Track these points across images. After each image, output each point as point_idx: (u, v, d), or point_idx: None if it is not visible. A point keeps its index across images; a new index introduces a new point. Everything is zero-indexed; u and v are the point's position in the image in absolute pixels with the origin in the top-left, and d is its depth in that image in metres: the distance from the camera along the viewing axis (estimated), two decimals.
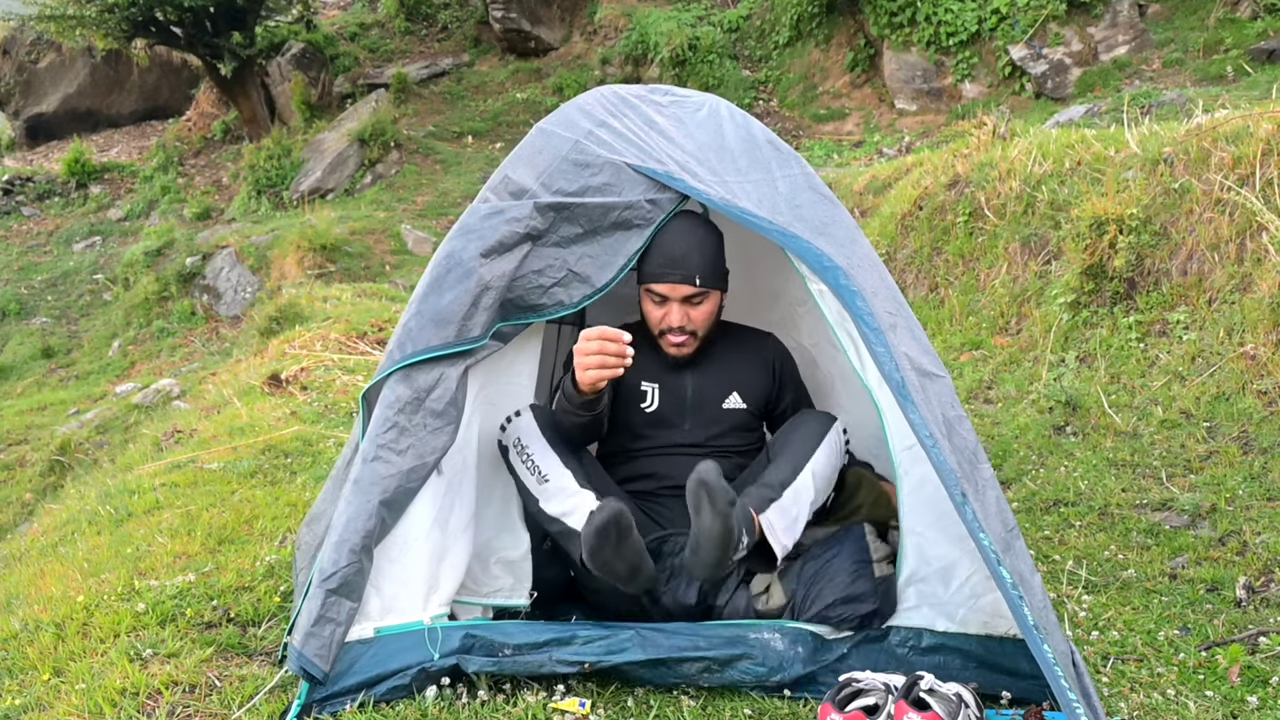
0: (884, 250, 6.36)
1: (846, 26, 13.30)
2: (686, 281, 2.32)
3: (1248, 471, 3.32)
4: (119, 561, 2.91)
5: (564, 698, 1.96)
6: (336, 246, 11.69)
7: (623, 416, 2.47)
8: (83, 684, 1.99)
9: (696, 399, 2.47)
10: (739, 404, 2.50)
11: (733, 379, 2.51)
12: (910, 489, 2.16)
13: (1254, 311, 3.84)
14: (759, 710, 2.01)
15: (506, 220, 2.17)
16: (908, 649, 2.13)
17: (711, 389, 2.49)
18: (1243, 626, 2.40)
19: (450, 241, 2.20)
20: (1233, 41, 9.99)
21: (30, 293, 13.81)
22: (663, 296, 2.36)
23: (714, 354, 2.51)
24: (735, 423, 2.51)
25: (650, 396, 2.47)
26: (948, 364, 5.00)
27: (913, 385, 1.98)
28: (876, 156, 10.46)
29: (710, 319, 2.42)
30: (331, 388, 5.44)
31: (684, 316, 2.36)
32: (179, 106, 18.81)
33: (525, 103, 15.59)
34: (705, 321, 2.40)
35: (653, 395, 2.47)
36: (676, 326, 2.37)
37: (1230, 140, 4.35)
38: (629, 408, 2.47)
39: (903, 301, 2.27)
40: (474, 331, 2.09)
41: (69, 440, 7.86)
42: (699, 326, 2.40)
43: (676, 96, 2.52)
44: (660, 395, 2.47)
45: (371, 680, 1.92)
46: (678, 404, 2.47)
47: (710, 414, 2.48)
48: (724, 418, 2.49)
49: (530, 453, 2.22)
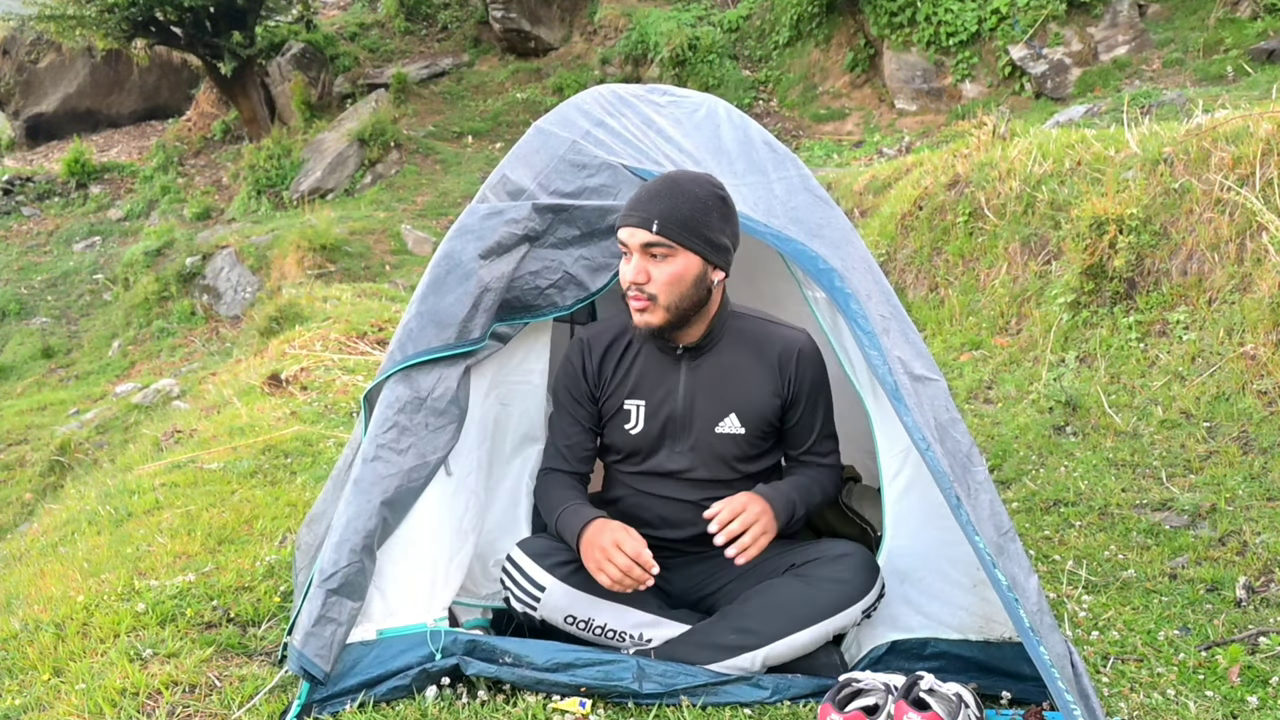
0: (884, 250, 6.36)
1: (846, 26, 13.30)
2: (643, 226, 2.02)
3: (1248, 471, 3.32)
4: (119, 561, 2.91)
5: (564, 698, 1.96)
6: (336, 246, 11.70)
7: (609, 435, 2.31)
8: (83, 684, 1.99)
9: (685, 419, 2.22)
10: (735, 428, 2.22)
11: (733, 396, 2.22)
12: (898, 494, 2.17)
13: (1254, 311, 3.84)
14: (759, 710, 2.00)
15: (505, 221, 2.17)
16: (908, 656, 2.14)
17: (705, 407, 2.22)
18: (1243, 626, 2.40)
19: (450, 242, 2.20)
20: (1233, 41, 9.99)
21: (30, 293, 13.81)
22: (625, 246, 2.09)
23: (718, 355, 2.23)
24: (727, 451, 2.23)
25: (634, 417, 2.25)
26: (948, 364, 5.01)
27: (905, 389, 1.98)
28: (876, 156, 10.46)
29: (677, 286, 2.07)
30: (331, 388, 5.44)
31: (642, 272, 2.05)
32: (179, 106, 18.82)
33: (525, 103, 15.59)
34: (669, 287, 2.06)
35: (636, 415, 2.25)
36: (630, 281, 2.07)
37: (1230, 140, 4.35)
38: (612, 427, 2.29)
39: (897, 304, 2.27)
40: (474, 333, 2.10)
41: (69, 440, 7.86)
42: (660, 291, 2.06)
43: (675, 96, 2.53)
44: (645, 416, 2.24)
45: (372, 680, 1.91)
46: (663, 425, 2.24)
47: (699, 439, 2.22)
48: (715, 444, 2.22)
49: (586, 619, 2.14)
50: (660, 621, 2.15)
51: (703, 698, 2.00)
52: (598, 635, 2.12)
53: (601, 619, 2.12)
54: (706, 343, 2.22)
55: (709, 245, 2.07)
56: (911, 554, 2.18)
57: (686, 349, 2.22)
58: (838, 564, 2.13)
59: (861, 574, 2.12)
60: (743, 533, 2.04)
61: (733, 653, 2.07)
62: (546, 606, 2.11)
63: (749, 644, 2.07)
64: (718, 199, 2.08)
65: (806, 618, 2.08)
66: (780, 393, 2.23)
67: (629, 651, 2.10)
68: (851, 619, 2.11)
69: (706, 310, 2.17)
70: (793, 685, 2.05)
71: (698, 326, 2.19)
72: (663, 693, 1.98)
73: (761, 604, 2.11)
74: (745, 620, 2.10)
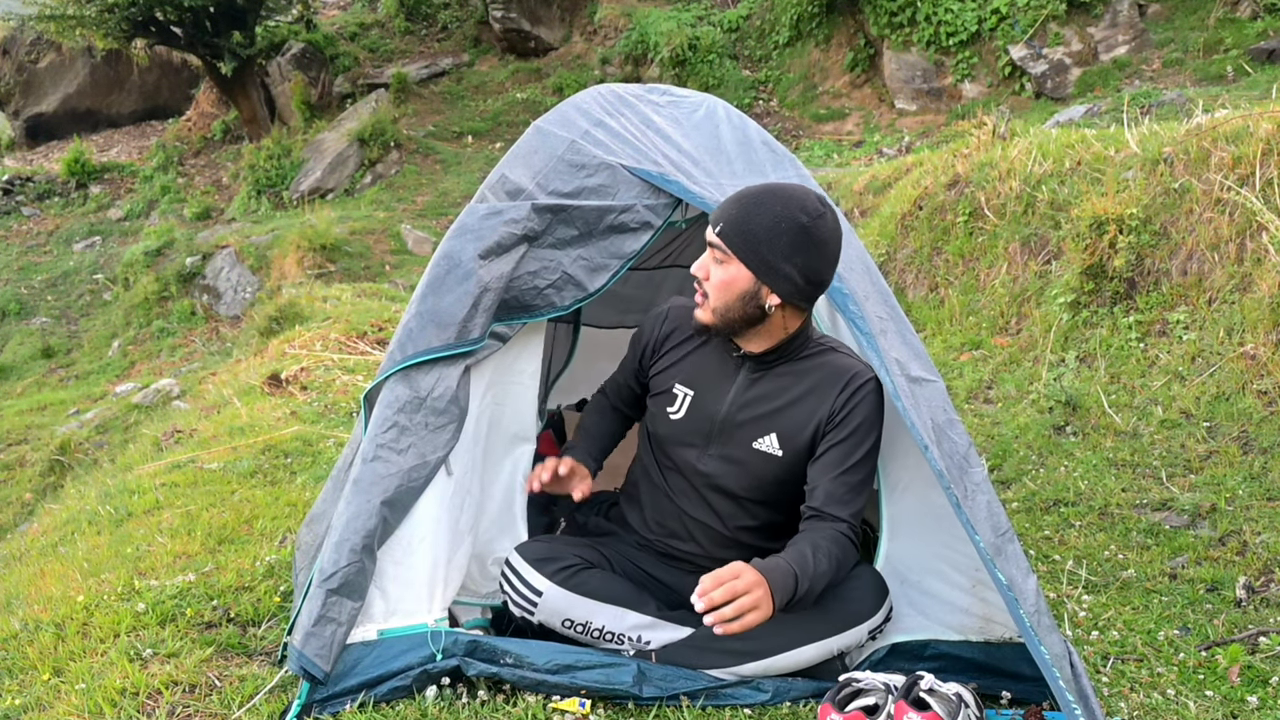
0: (884, 250, 6.36)
1: (846, 26, 13.30)
2: (713, 224, 2.04)
3: (1248, 471, 3.32)
4: (119, 561, 2.91)
5: (564, 698, 1.96)
6: (336, 246, 11.70)
7: (650, 416, 2.30)
8: (83, 684, 1.99)
9: (727, 424, 2.17)
10: (773, 449, 2.14)
11: (780, 417, 2.14)
12: (895, 496, 2.17)
13: (1254, 311, 3.84)
14: (759, 710, 2.00)
15: (505, 221, 2.17)
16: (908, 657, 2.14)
17: (748, 419, 2.15)
18: (1243, 626, 2.40)
19: (449, 241, 2.20)
20: (1233, 41, 9.99)
21: (30, 293, 13.81)
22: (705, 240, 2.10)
23: (779, 375, 2.16)
24: (759, 470, 2.16)
25: (679, 403, 2.22)
26: (948, 364, 5.01)
27: (903, 390, 1.98)
28: (876, 156, 10.46)
29: (723, 294, 2.04)
30: (331, 388, 5.44)
31: (703, 268, 2.07)
32: (179, 106, 18.82)
33: (525, 103, 15.60)
34: (718, 291, 2.05)
35: (681, 403, 2.22)
36: (693, 273, 2.09)
37: (1230, 140, 4.35)
38: (656, 405, 2.27)
39: (895, 305, 2.27)
40: (474, 333, 2.10)
41: (69, 440, 7.86)
42: (712, 293, 2.06)
43: (674, 96, 2.53)
44: (689, 406, 2.21)
45: (373, 680, 1.91)
46: (704, 423, 2.19)
47: (735, 449, 2.16)
48: (749, 460, 2.15)
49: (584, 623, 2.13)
50: (658, 624, 2.15)
51: (703, 699, 2.00)
52: (595, 638, 2.12)
53: (599, 622, 2.12)
54: (771, 359, 2.15)
55: (764, 265, 2.00)
56: (910, 555, 2.19)
57: (748, 357, 2.17)
58: (847, 583, 2.10)
59: (870, 595, 2.11)
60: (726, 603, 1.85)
61: (735, 660, 2.06)
62: (543, 610, 2.11)
63: (752, 653, 2.06)
64: (797, 226, 1.98)
65: (812, 634, 2.07)
66: (817, 424, 2.11)
67: (629, 654, 2.10)
68: (857, 639, 2.10)
69: (766, 329, 2.10)
70: (793, 688, 2.05)
71: (759, 340, 2.13)
72: (663, 696, 1.98)
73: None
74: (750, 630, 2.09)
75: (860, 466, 2.10)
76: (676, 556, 2.27)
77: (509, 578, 2.14)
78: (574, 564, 2.14)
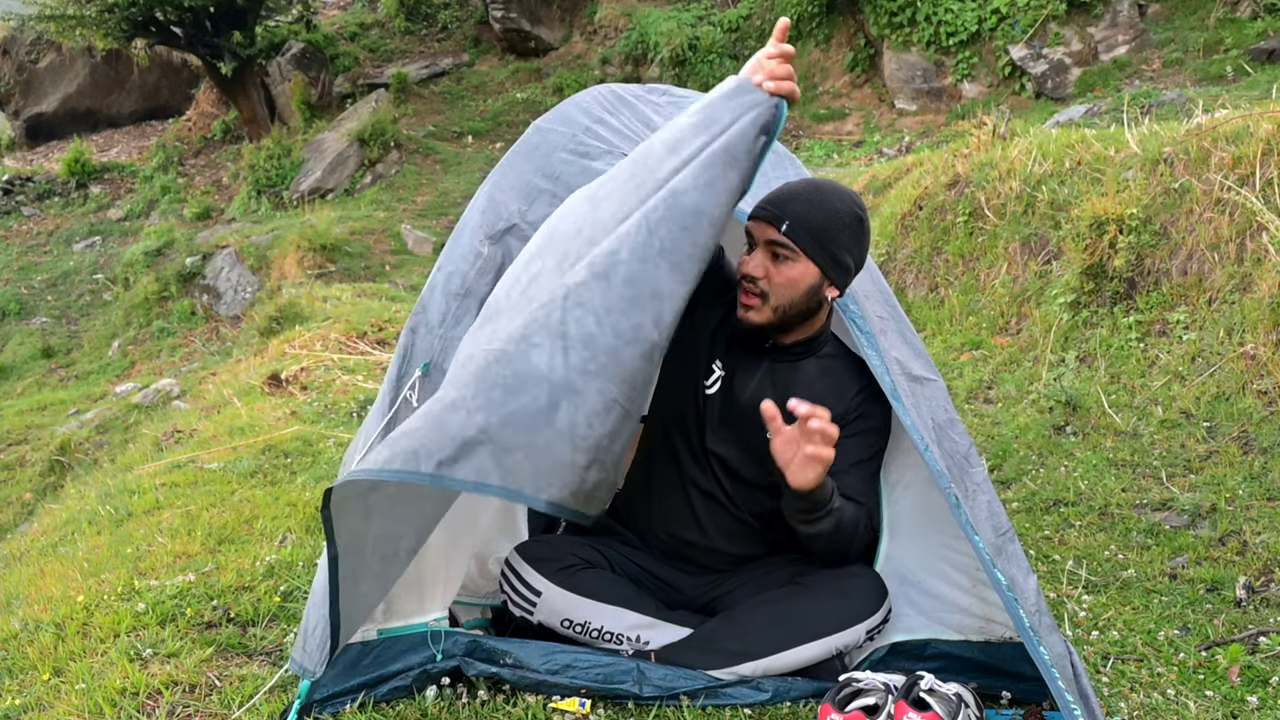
0: (884, 250, 6.36)
1: (846, 26, 13.30)
2: (773, 223, 2.01)
3: (1248, 471, 3.32)
4: (119, 561, 2.91)
5: (564, 698, 1.96)
6: (336, 246, 11.70)
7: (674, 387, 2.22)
8: (83, 684, 1.99)
9: (746, 410, 2.11)
10: None
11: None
12: (895, 496, 2.17)
13: (1254, 311, 3.84)
14: (759, 710, 2.01)
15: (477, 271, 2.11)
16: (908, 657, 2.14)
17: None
18: (1243, 626, 2.40)
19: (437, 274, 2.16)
20: (1233, 41, 9.99)
21: (30, 293, 13.82)
22: (751, 238, 2.07)
23: (801, 368, 2.16)
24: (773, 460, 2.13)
25: (715, 380, 2.18)
26: (948, 364, 5.01)
27: (903, 390, 1.98)
28: (876, 156, 10.46)
29: (789, 291, 2.04)
30: (331, 388, 5.44)
31: (762, 267, 2.04)
32: (179, 106, 18.82)
33: (525, 103, 15.60)
34: (783, 289, 2.04)
35: (717, 380, 2.18)
36: (748, 274, 2.05)
37: (1230, 140, 4.35)
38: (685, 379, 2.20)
39: (895, 304, 2.27)
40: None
41: (69, 440, 7.86)
42: (773, 291, 2.04)
43: (674, 96, 2.52)
44: (722, 385, 2.17)
45: (373, 680, 1.91)
46: (727, 405, 2.17)
47: (751, 436, 2.11)
48: (763, 447, 2.06)
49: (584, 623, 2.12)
50: (657, 624, 2.15)
51: (702, 699, 2.00)
52: (594, 638, 2.12)
53: (598, 622, 2.12)
54: (796, 352, 2.17)
55: (832, 260, 2.03)
56: (910, 555, 2.19)
57: (777, 348, 2.17)
58: (846, 582, 2.12)
59: (869, 594, 2.11)
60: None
61: (734, 660, 2.06)
62: (542, 610, 2.11)
63: (751, 654, 2.06)
64: (855, 218, 2.05)
65: (810, 633, 2.07)
66: (838, 413, 2.07)
67: (628, 654, 2.10)
68: (855, 638, 2.10)
69: (812, 323, 2.13)
70: (793, 688, 2.05)
71: (794, 335, 2.14)
72: (663, 695, 1.98)
73: (766, 614, 2.09)
74: (748, 629, 2.09)
75: (870, 463, 2.15)
76: (679, 554, 2.26)
77: (508, 577, 2.14)
78: (573, 564, 2.14)
